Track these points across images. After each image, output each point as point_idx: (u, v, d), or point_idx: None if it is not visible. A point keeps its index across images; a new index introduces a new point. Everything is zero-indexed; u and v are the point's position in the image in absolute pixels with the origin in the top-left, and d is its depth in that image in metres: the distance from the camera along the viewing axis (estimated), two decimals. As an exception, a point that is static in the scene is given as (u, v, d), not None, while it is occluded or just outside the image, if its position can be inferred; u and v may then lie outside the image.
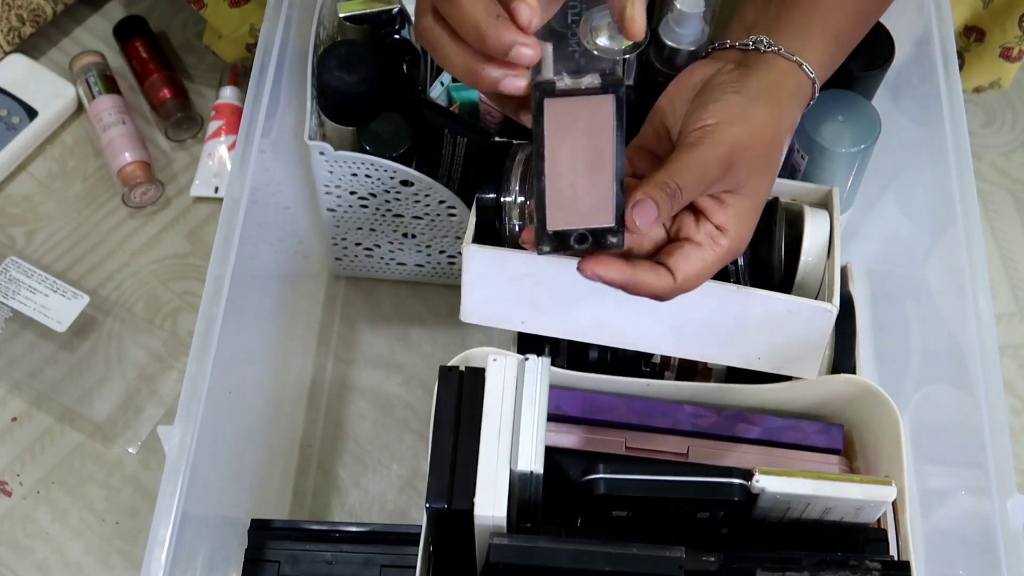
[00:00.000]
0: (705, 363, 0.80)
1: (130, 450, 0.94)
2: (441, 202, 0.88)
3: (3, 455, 0.94)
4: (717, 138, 0.64)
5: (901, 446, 0.71)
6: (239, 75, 1.10)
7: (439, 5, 0.63)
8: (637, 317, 0.71)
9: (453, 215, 0.90)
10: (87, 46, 1.15)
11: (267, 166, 0.81)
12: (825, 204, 0.78)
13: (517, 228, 0.74)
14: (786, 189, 0.79)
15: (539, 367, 0.68)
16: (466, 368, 0.69)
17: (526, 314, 0.72)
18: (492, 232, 0.75)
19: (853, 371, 0.79)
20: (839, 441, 0.75)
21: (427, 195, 0.87)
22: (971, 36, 0.99)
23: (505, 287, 0.71)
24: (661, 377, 0.80)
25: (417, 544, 0.68)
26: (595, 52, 0.84)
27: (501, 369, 0.68)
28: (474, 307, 0.73)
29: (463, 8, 0.61)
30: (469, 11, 0.61)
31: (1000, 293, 1.04)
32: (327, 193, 0.88)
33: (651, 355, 0.79)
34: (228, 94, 1.09)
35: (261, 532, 0.76)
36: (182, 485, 0.67)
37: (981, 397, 0.72)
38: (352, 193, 0.88)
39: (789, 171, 0.82)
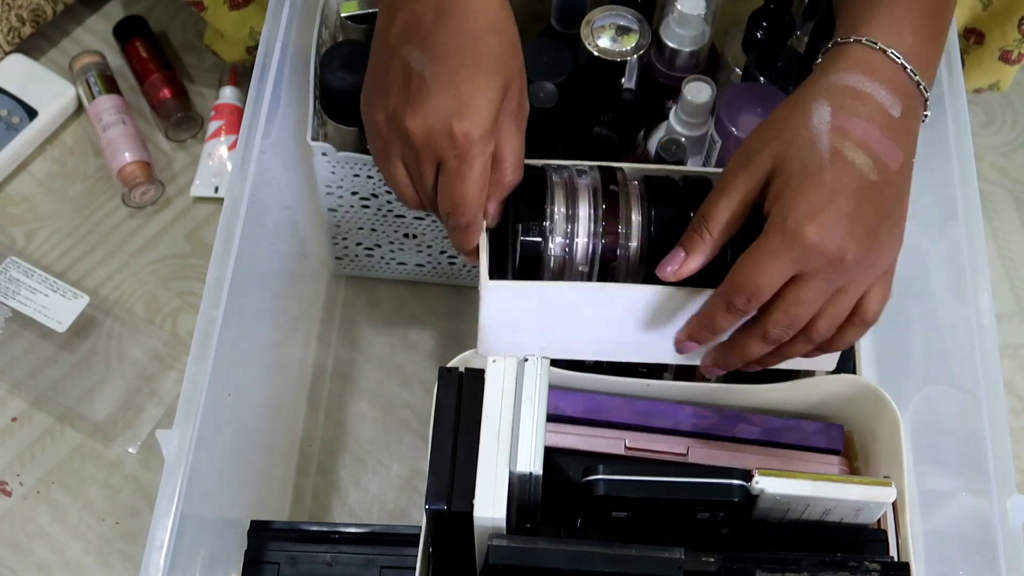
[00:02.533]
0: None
1: (130, 450, 0.94)
2: (441, 202, 0.88)
3: (3, 455, 0.94)
4: (733, 155, 0.65)
5: (901, 447, 0.71)
6: (239, 75, 1.10)
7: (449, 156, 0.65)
8: (657, 330, 0.70)
9: (454, 215, 0.90)
10: (87, 46, 1.15)
11: (268, 166, 0.81)
12: None
13: (560, 249, 0.71)
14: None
15: (538, 368, 0.68)
16: (466, 369, 0.69)
17: (544, 340, 0.71)
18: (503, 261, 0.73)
19: (854, 371, 0.79)
20: (839, 442, 0.75)
21: (427, 195, 0.87)
22: (971, 38, 0.99)
23: (523, 318, 0.70)
24: (660, 378, 0.80)
25: (417, 545, 0.68)
26: (596, 53, 0.84)
27: (500, 370, 0.68)
28: (492, 341, 0.71)
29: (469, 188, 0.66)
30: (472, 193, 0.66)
31: (1000, 293, 1.04)
32: (328, 193, 0.88)
33: None
34: (228, 94, 1.09)
35: (261, 533, 0.76)
36: (180, 488, 0.67)
37: (981, 397, 0.72)
38: (354, 193, 0.88)
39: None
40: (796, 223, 0.61)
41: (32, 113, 1.08)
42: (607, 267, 0.70)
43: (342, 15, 0.89)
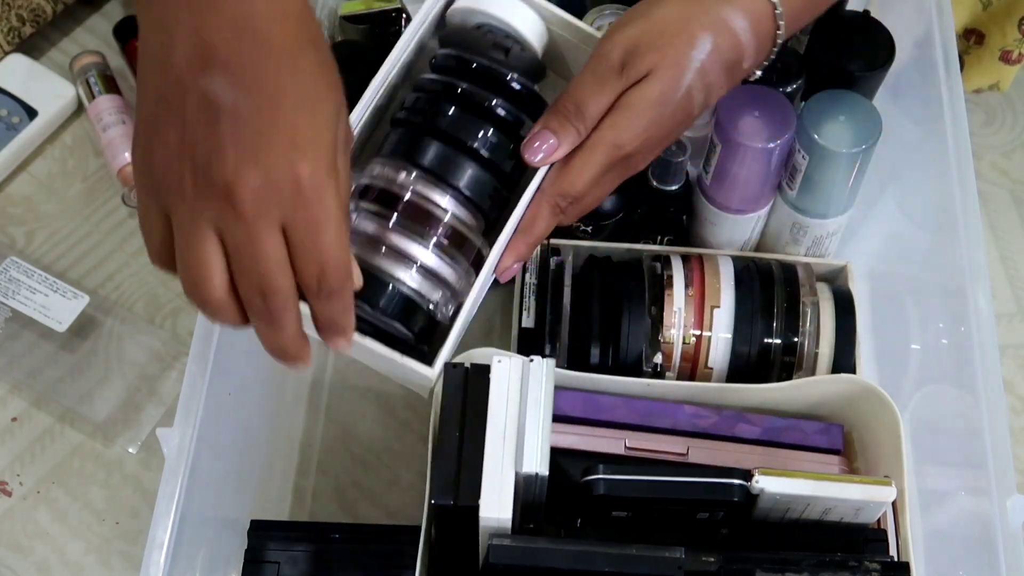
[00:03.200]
0: (705, 363, 0.80)
1: (130, 450, 0.94)
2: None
3: (3, 455, 0.94)
4: (611, 38, 0.64)
5: (901, 446, 0.71)
6: (239, 75, 1.10)
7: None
8: None
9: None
10: (87, 46, 1.15)
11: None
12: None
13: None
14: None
15: (543, 368, 0.68)
16: (471, 365, 0.69)
17: None
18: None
19: (853, 371, 0.79)
20: (839, 441, 0.75)
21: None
22: (971, 39, 0.99)
23: None
24: (662, 378, 0.80)
25: (417, 545, 0.68)
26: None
27: (506, 370, 0.68)
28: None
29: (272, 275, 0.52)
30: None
31: (1000, 293, 1.04)
32: (327, 192, 0.88)
33: (652, 356, 0.79)
34: (228, 94, 1.09)
35: (261, 533, 0.76)
36: (181, 487, 0.67)
37: (981, 397, 0.72)
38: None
39: (790, 171, 0.82)
40: (626, 143, 0.65)
41: (32, 113, 1.08)
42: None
43: (340, 15, 0.89)
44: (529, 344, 0.81)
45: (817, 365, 0.80)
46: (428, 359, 0.66)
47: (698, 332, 0.80)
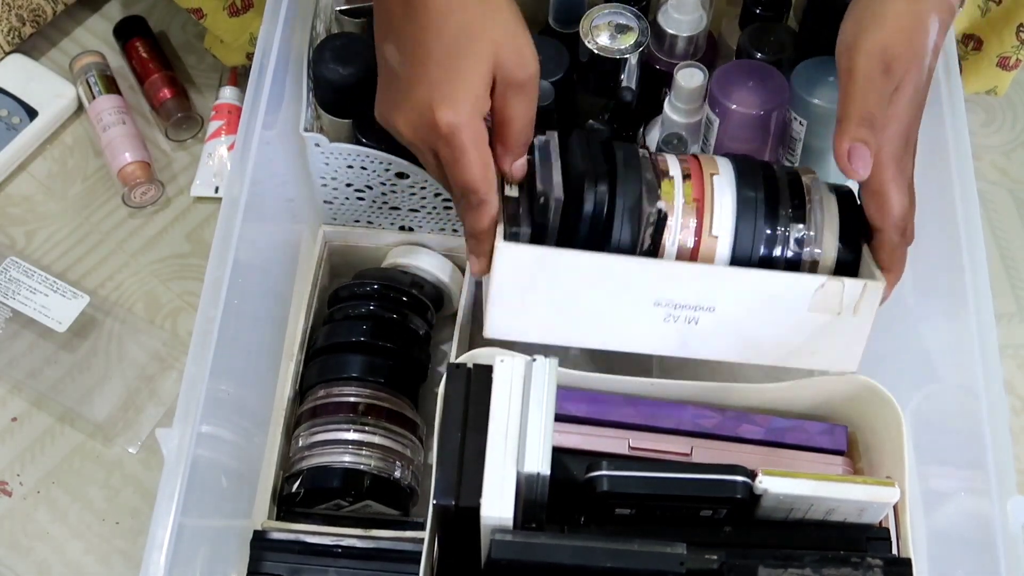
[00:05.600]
0: (711, 230, 0.72)
1: (130, 450, 0.94)
2: (437, 195, 0.88)
3: (3, 455, 0.94)
4: (864, 49, 0.67)
5: (903, 447, 0.71)
6: (239, 75, 1.10)
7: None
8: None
9: (449, 208, 0.90)
10: (87, 46, 1.15)
11: (267, 162, 0.81)
12: None
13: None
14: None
15: (546, 369, 0.67)
16: (474, 365, 0.69)
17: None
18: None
19: (857, 268, 0.76)
20: (843, 442, 0.75)
21: (423, 188, 0.87)
22: (969, 44, 0.99)
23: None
24: (662, 231, 0.72)
25: (419, 563, 0.68)
26: (595, 51, 0.84)
27: (508, 370, 0.68)
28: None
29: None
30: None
31: (1000, 293, 1.04)
32: (323, 185, 0.89)
33: (652, 205, 0.70)
34: (228, 94, 1.09)
35: (263, 544, 0.77)
36: (180, 487, 0.67)
37: (981, 397, 0.72)
38: (348, 185, 0.88)
39: (788, 144, 0.81)
40: (899, 148, 0.69)
41: (32, 113, 1.08)
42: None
43: (337, 8, 0.89)
44: (513, 214, 0.72)
45: (823, 258, 0.73)
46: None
47: (699, 198, 0.72)
